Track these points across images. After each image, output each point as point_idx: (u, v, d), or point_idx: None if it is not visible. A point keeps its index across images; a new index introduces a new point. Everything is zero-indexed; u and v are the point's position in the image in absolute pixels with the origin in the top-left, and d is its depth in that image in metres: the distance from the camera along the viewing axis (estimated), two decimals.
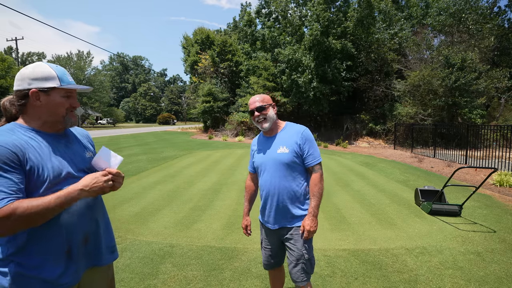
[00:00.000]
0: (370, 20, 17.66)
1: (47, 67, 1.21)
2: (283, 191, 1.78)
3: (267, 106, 1.84)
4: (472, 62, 14.12)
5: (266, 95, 1.92)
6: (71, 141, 1.32)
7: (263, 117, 1.83)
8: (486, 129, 11.37)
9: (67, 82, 1.23)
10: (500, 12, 21.22)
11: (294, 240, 1.79)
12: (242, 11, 28.20)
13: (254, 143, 2.02)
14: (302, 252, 1.76)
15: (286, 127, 1.90)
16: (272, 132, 1.90)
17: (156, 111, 71.02)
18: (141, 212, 4.49)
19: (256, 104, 1.84)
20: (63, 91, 1.22)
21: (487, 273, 2.84)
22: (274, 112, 1.88)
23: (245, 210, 2.09)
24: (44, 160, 1.14)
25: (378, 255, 3.18)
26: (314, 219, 1.75)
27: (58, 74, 1.21)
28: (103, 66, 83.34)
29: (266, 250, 1.97)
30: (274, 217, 1.84)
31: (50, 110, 1.20)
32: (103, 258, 1.36)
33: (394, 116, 16.77)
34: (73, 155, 1.27)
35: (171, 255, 3.13)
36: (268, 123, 1.84)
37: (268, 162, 1.83)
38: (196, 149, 13.71)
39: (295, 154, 1.78)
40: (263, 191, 1.89)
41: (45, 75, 1.19)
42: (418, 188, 5.06)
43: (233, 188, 6.08)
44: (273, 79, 19.96)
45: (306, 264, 1.77)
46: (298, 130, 1.83)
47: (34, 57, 58.28)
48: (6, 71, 26.27)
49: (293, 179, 1.79)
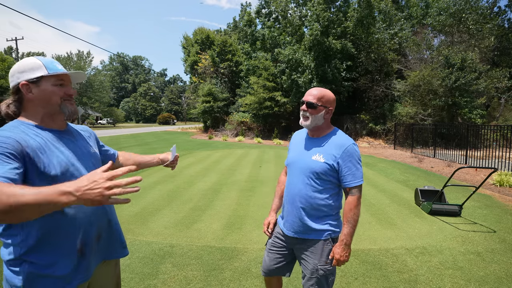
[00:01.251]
0: (370, 20, 17.67)
1: (33, 58, 1.20)
2: (305, 200, 1.62)
3: (320, 106, 1.63)
4: (472, 62, 14.12)
5: (330, 95, 1.68)
6: (75, 137, 1.30)
7: (308, 114, 1.64)
8: (486, 129, 11.37)
9: (55, 70, 1.20)
10: (500, 12, 21.23)
11: (309, 252, 1.64)
12: (242, 11, 28.20)
13: (296, 136, 1.85)
14: (317, 266, 1.61)
15: (332, 134, 1.67)
16: (315, 133, 1.71)
17: (156, 111, 71.04)
18: (141, 212, 4.49)
19: (309, 98, 1.64)
20: (52, 79, 1.19)
21: (487, 273, 2.83)
22: (325, 117, 1.66)
23: (273, 207, 1.90)
24: (50, 156, 1.12)
25: (378, 255, 3.17)
26: (345, 248, 1.56)
27: (44, 63, 1.19)
28: (103, 66, 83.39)
29: (271, 252, 1.79)
30: (291, 223, 1.69)
31: (44, 101, 1.18)
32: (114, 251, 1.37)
33: (394, 116, 16.77)
34: (79, 150, 1.26)
35: (171, 255, 3.13)
36: (309, 123, 1.65)
37: (299, 164, 1.67)
38: (196, 149, 13.71)
39: (329, 167, 1.58)
40: (286, 192, 1.75)
41: (31, 66, 1.17)
42: (418, 188, 5.06)
43: (233, 188, 6.08)
44: (273, 79, 19.96)
45: (320, 280, 1.61)
46: (342, 143, 1.60)
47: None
48: (6, 71, 26.30)
49: (319, 192, 1.61)
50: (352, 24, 18.12)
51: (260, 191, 5.84)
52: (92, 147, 1.36)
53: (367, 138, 18.31)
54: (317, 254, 1.62)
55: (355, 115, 19.52)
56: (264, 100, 19.55)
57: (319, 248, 1.62)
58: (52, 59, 1.24)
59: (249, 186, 6.32)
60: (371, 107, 19.17)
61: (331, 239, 1.64)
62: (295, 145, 1.80)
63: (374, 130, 18.07)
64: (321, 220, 1.63)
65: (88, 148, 1.33)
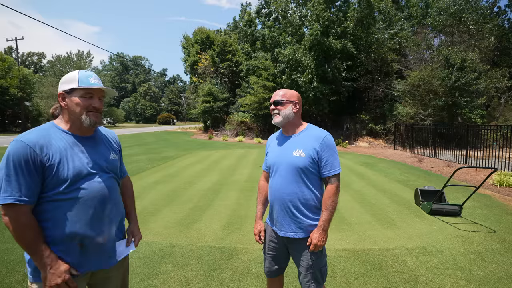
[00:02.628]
0: (370, 20, 17.67)
1: (74, 72, 1.33)
2: (293, 197, 1.66)
3: (285, 101, 1.73)
4: (472, 62, 14.11)
5: (293, 92, 1.79)
6: (98, 143, 1.42)
7: (277, 111, 1.73)
8: (486, 129, 11.36)
9: (86, 83, 1.31)
10: (500, 12, 21.21)
11: (302, 250, 1.69)
12: (242, 11, 28.19)
13: (271, 139, 1.90)
14: (311, 262, 1.67)
15: (307, 129, 1.76)
16: (290, 131, 1.78)
17: (156, 111, 71.01)
18: (141, 212, 4.49)
19: (275, 97, 1.76)
20: (82, 91, 1.30)
21: (487, 273, 2.83)
22: (293, 111, 1.73)
23: (258, 214, 1.92)
24: (67, 160, 1.25)
25: (378, 255, 3.17)
26: (323, 233, 1.63)
27: (79, 76, 1.31)
28: (103, 66, 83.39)
29: (270, 256, 1.84)
30: (282, 223, 1.72)
31: (72, 110, 1.31)
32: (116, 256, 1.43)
33: (394, 116, 16.76)
34: (97, 156, 1.37)
35: (171, 255, 3.13)
36: (280, 119, 1.73)
37: (281, 163, 1.71)
38: (196, 149, 13.72)
39: (311, 160, 1.64)
40: (272, 193, 1.77)
41: (69, 78, 1.31)
42: (418, 188, 5.06)
43: (233, 188, 6.08)
44: (273, 79, 19.96)
45: (315, 274, 1.68)
46: (319, 135, 1.69)
47: (34, 57, 58.30)
48: (6, 71, 26.27)
49: (306, 186, 1.66)
50: (352, 24, 18.11)
51: None
52: (112, 154, 1.47)
53: (367, 138, 18.30)
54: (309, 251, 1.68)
55: (355, 115, 19.51)
56: (264, 100, 19.54)
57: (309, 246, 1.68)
58: (90, 73, 1.36)
59: (249, 186, 6.32)
60: (371, 107, 19.16)
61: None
62: (273, 147, 1.84)
63: (374, 130, 18.06)
64: (311, 215, 1.68)
65: (108, 155, 1.43)
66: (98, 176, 1.32)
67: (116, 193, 1.43)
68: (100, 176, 1.33)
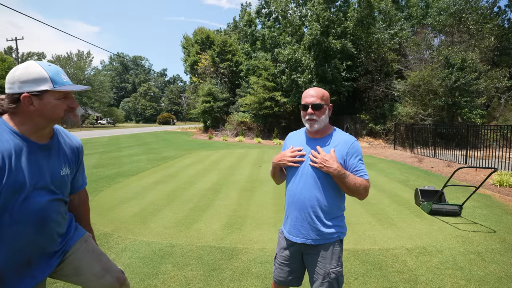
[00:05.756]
0: (370, 20, 17.68)
1: (38, 67, 1.10)
2: (315, 202, 1.57)
3: (324, 105, 1.59)
4: (472, 62, 14.11)
5: (325, 91, 1.64)
6: (52, 155, 1.22)
7: (315, 117, 1.57)
8: (486, 129, 11.37)
9: (61, 83, 1.13)
10: (500, 12, 21.21)
11: (320, 257, 1.60)
12: (242, 11, 28.24)
13: (293, 139, 1.75)
14: (328, 270, 1.56)
15: (334, 133, 1.65)
16: (318, 133, 1.65)
17: (156, 111, 71.08)
18: (141, 212, 4.49)
19: (311, 99, 1.58)
20: (57, 93, 1.12)
21: (487, 273, 2.83)
22: (329, 115, 1.64)
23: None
24: (7, 170, 1.05)
25: (378, 255, 3.17)
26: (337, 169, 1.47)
27: (50, 75, 1.10)
28: (103, 66, 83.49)
29: (284, 266, 1.71)
30: (300, 229, 1.62)
31: (46, 114, 1.12)
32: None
33: (394, 116, 16.77)
34: (46, 170, 1.18)
35: (171, 255, 3.13)
36: (318, 125, 1.60)
37: (305, 166, 1.59)
38: (196, 149, 13.72)
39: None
40: (291, 197, 1.65)
41: (36, 77, 1.08)
42: (418, 188, 5.06)
43: (233, 188, 6.08)
44: (273, 79, 19.97)
45: (332, 283, 1.57)
46: (347, 140, 1.60)
47: (34, 57, 58.27)
48: (6, 71, 26.31)
49: (329, 191, 1.57)
50: (352, 24, 18.12)
51: (260, 191, 5.84)
52: (64, 169, 1.26)
53: (367, 138, 18.31)
54: (327, 258, 1.59)
55: (355, 115, 19.52)
56: (264, 100, 19.56)
57: (329, 251, 1.60)
58: (57, 68, 1.16)
59: (249, 186, 6.32)
60: (371, 107, 19.17)
61: (339, 241, 1.63)
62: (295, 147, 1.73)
63: (374, 130, 18.07)
64: (330, 222, 1.60)
65: (59, 170, 1.24)
66: (38, 196, 1.12)
67: (58, 216, 1.24)
68: (41, 196, 1.13)
